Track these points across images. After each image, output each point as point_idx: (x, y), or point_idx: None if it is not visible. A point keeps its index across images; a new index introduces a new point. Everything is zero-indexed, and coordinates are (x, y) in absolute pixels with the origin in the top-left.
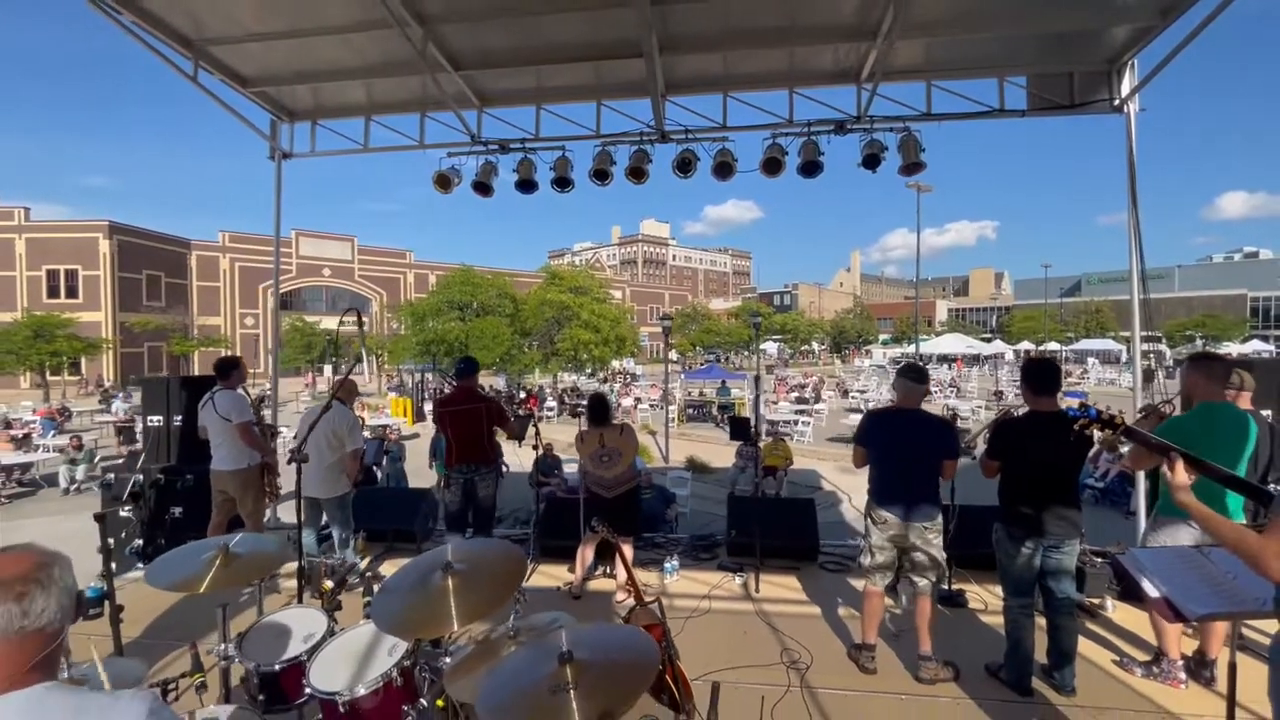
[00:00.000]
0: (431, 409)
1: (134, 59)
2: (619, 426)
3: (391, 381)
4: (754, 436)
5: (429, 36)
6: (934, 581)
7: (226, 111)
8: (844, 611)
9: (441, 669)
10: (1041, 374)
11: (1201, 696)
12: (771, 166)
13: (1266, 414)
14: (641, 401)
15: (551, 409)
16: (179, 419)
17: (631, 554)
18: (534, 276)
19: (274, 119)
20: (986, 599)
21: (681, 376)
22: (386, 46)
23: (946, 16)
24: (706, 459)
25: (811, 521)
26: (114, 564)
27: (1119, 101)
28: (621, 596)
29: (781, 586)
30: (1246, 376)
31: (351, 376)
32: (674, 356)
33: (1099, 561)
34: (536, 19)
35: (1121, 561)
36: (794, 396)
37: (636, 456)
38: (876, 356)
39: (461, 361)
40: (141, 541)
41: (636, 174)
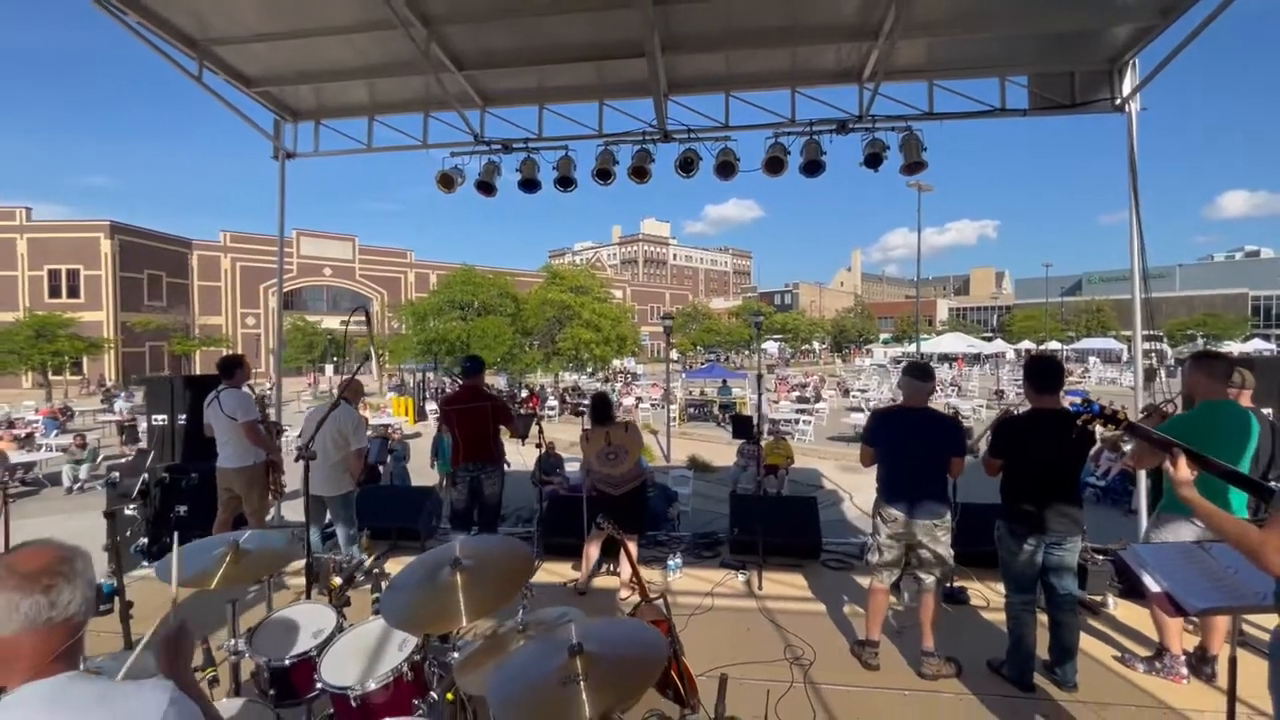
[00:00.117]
0: (436, 408)
1: (135, 59)
2: (624, 424)
3: (392, 381)
4: (756, 435)
5: (432, 37)
6: (940, 579)
7: (230, 111)
8: (847, 608)
9: (450, 663)
10: (1044, 372)
11: (1203, 692)
12: (774, 166)
13: (1267, 412)
14: (642, 401)
15: (553, 408)
16: (183, 418)
17: (636, 551)
18: (535, 276)
19: (277, 119)
20: (988, 596)
21: (682, 376)
22: (390, 47)
23: (948, 16)
24: (708, 458)
25: (814, 519)
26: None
27: (1120, 101)
28: (626, 593)
29: (784, 584)
30: (1247, 375)
31: (357, 376)
32: (675, 356)
33: (1100, 559)
34: (539, 19)
35: (1123, 556)
36: (795, 396)
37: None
38: (877, 356)
39: (467, 360)
40: (146, 540)
41: (639, 173)
